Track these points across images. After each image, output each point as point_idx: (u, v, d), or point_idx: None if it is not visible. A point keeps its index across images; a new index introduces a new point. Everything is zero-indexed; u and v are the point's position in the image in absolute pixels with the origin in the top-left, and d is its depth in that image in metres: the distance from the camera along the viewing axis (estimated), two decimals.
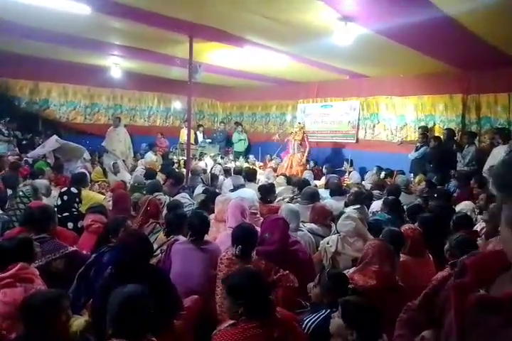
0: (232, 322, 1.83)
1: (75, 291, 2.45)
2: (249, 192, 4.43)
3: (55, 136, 7.04)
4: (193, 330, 2.26)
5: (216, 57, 7.26)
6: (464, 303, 0.71)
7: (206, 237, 2.82)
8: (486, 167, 5.69)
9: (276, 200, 4.67)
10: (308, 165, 8.52)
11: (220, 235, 3.19)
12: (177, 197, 4.42)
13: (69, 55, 7.98)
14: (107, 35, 6.41)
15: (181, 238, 2.82)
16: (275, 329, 1.68)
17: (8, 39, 6.71)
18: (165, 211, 3.79)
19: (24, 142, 8.03)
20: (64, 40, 6.51)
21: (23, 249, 2.26)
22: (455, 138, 7.07)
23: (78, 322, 2.14)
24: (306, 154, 8.33)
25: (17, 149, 7.46)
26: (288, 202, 4.18)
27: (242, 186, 5.02)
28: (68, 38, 6.39)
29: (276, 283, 2.36)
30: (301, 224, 3.46)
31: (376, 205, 4.33)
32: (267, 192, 4.30)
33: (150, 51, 7.18)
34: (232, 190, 5.01)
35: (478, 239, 3.08)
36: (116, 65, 8.60)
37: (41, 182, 4.55)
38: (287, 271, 2.44)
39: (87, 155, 7.26)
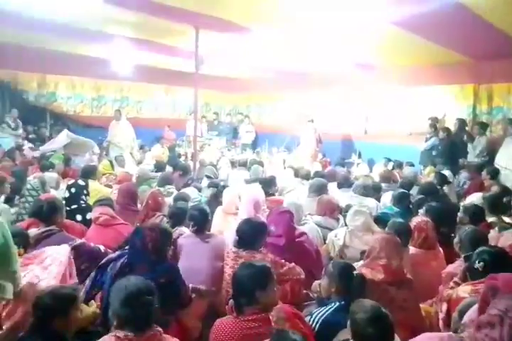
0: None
1: (91, 281, 2.46)
2: (257, 185, 4.41)
3: (65, 131, 7.06)
4: (201, 323, 2.27)
5: (222, 48, 7.18)
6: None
7: (212, 230, 2.83)
8: (497, 158, 5.58)
9: (286, 192, 4.66)
10: (317, 158, 8.46)
11: (229, 227, 3.19)
12: (184, 190, 4.42)
13: (76, 47, 7.96)
14: (114, 26, 6.37)
15: (185, 231, 2.82)
16: (271, 324, 1.69)
17: (15, 31, 6.69)
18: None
19: (31, 136, 8.08)
20: (71, 32, 6.48)
21: None
22: (466, 128, 6.95)
23: (86, 312, 2.16)
24: (315, 146, 8.26)
25: (25, 142, 7.51)
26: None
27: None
28: (75, 29, 6.37)
29: (283, 276, 2.35)
30: (308, 217, 3.45)
31: (387, 198, 4.28)
32: (267, 185, 4.28)
33: (156, 42, 7.14)
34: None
35: (492, 231, 3.03)
36: (123, 56, 8.56)
37: (50, 176, 4.59)
38: (293, 264, 2.43)
39: (96, 149, 7.28)
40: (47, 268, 2.21)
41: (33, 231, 2.62)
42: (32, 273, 2.16)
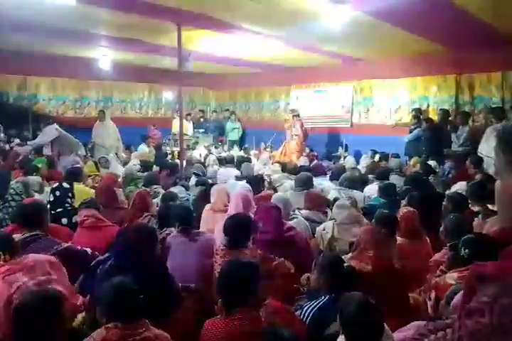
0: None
1: (79, 284, 2.43)
2: (245, 182, 4.40)
3: (54, 124, 6.94)
4: (192, 322, 2.26)
5: (206, 44, 7.12)
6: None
7: (201, 228, 2.82)
8: (480, 147, 5.67)
9: (277, 185, 4.68)
10: (303, 152, 8.48)
11: (218, 225, 3.18)
12: (172, 189, 4.39)
13: (56, 48, 7.80)
14: (94, 25, 6.24)
15: (173, 231, 2.81)
16: (262, 322, 1.69)
17: None
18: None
19: (13, 139, 7.92)
20: (50, 32, 6.34)
21: None
22: (449, 118, 7.04)
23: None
24: (302, 140, 8.27)
25: (7, 146, 7.36)
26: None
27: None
28: (54, 30, 6.21)
29: (274, 271, 2.35)
30: (296, 211, 3.46)
31: (370, 189, 4.31)
32: (256, 182, 4.27)
33: (138, 41, 7.03)
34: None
35: (476, 219, 3.08)
36: (104, 56, 8.42)
37: (34, 179, 4.50)
38: (282, 258, 2.44)
39: (82, 151, 7.18)
40: (35, 275, 2.16)
41: (16, 237, 2.56)
42: (20, 282, 2.11)
